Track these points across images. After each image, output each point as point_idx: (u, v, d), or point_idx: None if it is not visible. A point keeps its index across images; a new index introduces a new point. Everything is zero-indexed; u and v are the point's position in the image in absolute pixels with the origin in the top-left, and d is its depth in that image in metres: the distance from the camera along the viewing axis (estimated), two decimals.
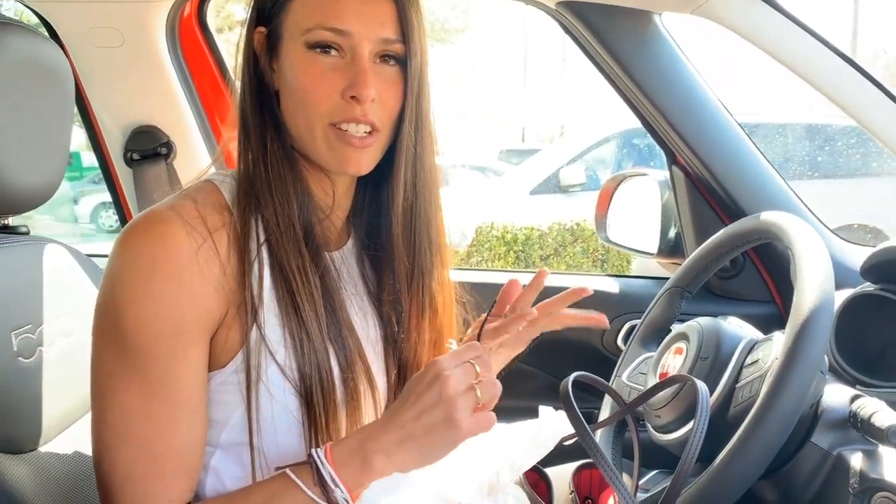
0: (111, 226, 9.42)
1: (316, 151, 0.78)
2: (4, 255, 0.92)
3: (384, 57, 0.77)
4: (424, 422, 0.69)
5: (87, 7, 1.32)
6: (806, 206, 1.35)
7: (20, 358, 0.86)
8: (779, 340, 0.84)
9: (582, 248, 4.34)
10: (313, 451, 0.70)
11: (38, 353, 0.89)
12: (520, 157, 11.43)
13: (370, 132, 0.77)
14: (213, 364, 0.75)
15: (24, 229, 1.03)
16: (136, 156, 1.41)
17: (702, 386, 0.75)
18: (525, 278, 1.00)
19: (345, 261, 0.87)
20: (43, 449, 0.87)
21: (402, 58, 0.78)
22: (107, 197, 1.48)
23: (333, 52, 0.75)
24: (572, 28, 1.27)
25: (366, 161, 0.79)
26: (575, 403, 0.79)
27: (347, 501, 0.68)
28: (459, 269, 1.54)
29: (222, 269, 0.72)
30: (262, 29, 0.79)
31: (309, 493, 0.68)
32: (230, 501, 0.73)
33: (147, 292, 0.70)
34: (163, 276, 0.70)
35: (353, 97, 0.74)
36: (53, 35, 1.36)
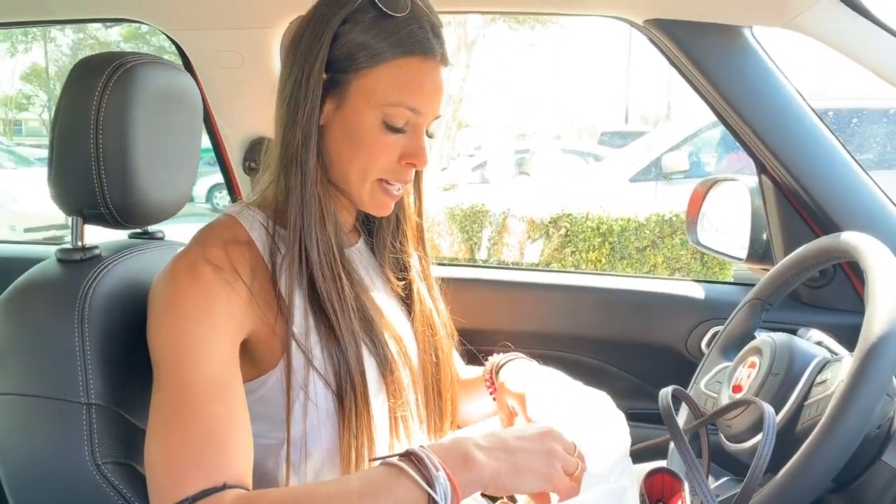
0: (226, 206, 10.03)
1: (358, 196, 0.90)
2: (146, 257, 1.06)
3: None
4: (524, 446, 0.75)
5: (213, 34, 1.47)
6: None
7: None
8: (847, 362, 0.86)
9: (681, 239, 4.25)
10: (416, 446, 0.73)
11: None
12: (622, 140, 11.18)
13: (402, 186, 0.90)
14: (265, 367, 0.85)
15: (160, 235, 1.17)
16: (253, 165, 1.56)
17: (769, 410, 0.80)
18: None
19: (360, 256, 0.99)
20: None
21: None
22: (220, 178, 1.66)
23: (402, 126, 0.85)
24: (661, 43, 1.30)
25: (392, 207, 0.93)
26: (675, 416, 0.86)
27: (448, 488, 0.69)
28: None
29: (247, 300, 0.82)
30: (324, 74, 0.86)
31: (417, 478, 0.68)
32: (324, 487, 0.72)
33: (178, 323, 0.79)
34: (188, 311, 0.79)
35: (409, 163, 0.86)
36: (184, 57, 1.52)
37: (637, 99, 18.68)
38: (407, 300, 1.01)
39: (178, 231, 1.13)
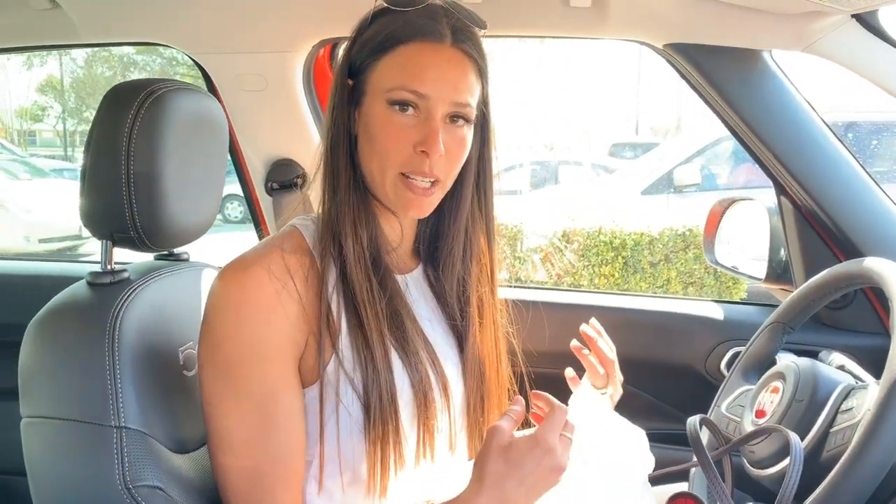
0: (236, 217, 10.11)
1: (384, 195, 0.89)
2: (172, 280, 1.07)
3: (454, 117, 0.87)
4: (527, 487, 0.78)
5: (237, 57, 1.50)
6: None
7: (185, 371, 0.99)
8: (873, 391, 0.87)
9: (694, 254, 4.24)
10: None
11: (197, 366, 1.04)
12: (632, 151, 11.16)
13: (433, 183, 0.87)
14: (305, 382, 0.86)
15: (185, 256, 1.18)
16: (275, 185, 1.58)
17: (795, 439, 0.80)
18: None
19: (417, 283, 0.98)
20: (202, 448, 0.99)
21: (471, 119, 0.88)
22: (232, 189, 1.68)
23: (410, 110, 0.85)
24: (680, 66, 1.31)
25: (426, 207, 0.90)
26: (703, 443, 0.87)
27: None
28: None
29: (301, 306, 0.84)
30: (349, 81, 0.89)
31: None
32: None
33: (236, 328, 0.81)
34: (247, 314, 0.81)
35: (423, 151, 0.84)
36: (208, 80, 1.54)
37: (647, 110, 18.65)
38: (461, 337, 1.00)
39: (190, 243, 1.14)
